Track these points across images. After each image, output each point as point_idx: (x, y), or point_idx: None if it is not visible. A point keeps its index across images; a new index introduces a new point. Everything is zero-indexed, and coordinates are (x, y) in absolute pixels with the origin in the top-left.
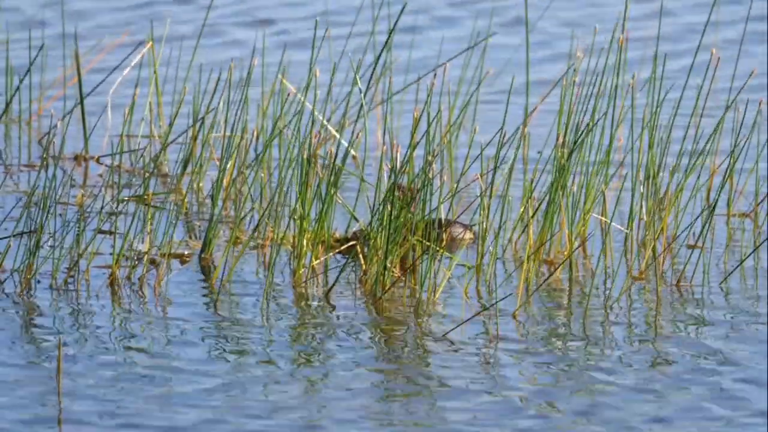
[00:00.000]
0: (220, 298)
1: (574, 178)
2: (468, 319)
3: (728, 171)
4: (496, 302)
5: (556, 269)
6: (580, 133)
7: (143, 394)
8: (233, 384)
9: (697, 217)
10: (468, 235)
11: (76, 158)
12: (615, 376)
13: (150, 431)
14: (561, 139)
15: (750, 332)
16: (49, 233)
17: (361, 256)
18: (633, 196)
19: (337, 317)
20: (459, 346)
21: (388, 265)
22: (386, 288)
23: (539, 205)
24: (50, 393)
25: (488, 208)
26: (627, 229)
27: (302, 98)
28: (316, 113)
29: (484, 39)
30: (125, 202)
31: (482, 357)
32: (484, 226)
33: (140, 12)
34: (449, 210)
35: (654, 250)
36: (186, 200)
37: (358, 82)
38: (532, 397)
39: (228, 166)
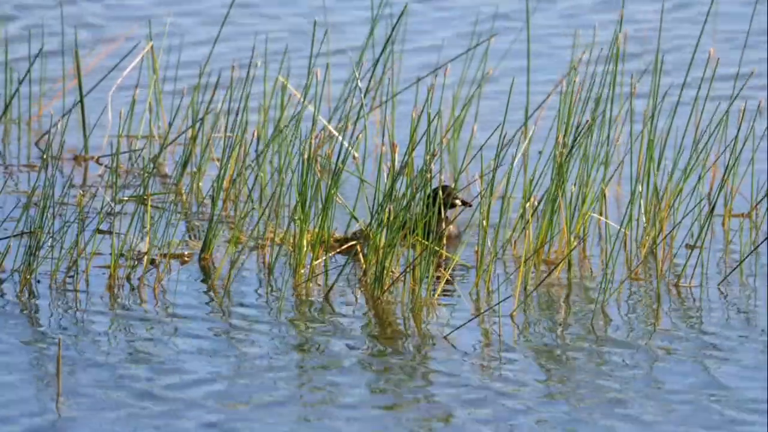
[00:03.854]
0: (219, 298)
1: (573, 178)
2: (467, 322)
3: (726, 171)
4: (497, 304)
5: (554, 269)
6: (579, 132)
7: (143, 394)
8: (233, 384)
9: (696, 217)
10: (454, 230)
11: (75, 158)
12: (614, 378)
13: (150, 430)
14: (560, 139)
15: (749, 332)
16: (49, 233)
17: (361, 255)
18: (633, 196)
19: (337, 317)
20: (457, 346)
21: (387, 265)
22: (385, 289)
23: (538, 204)
24: (50, 392)
25: (488, 208)
26: (626, 229)
27: (302, 99)
28: (317, 114)
29: (485, 40)
30: (125, 203)
31: (481, 357)
32: (484, 226)
33: (141, 12)
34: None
35: (654, 250)
36: (186, 200)
37: (358, 82)
38: (531, 396)
39: (228, 166)
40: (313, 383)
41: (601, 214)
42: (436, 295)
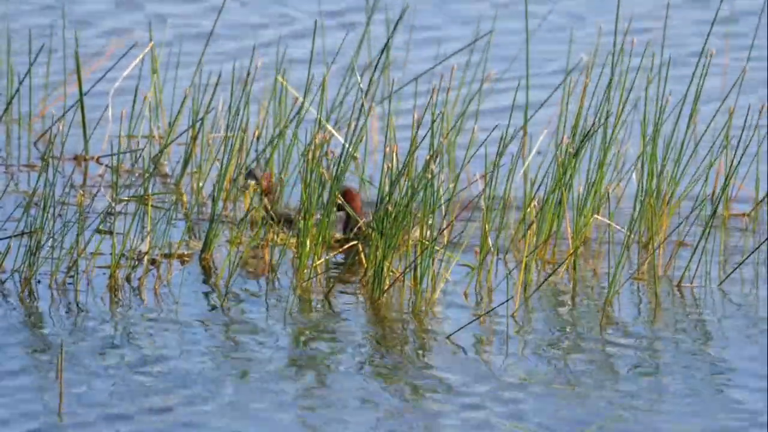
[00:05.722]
0: (220, 299)
1: (576, 178)
2: (468, 323)
3: (728, 171)
4: (500, 305)
5: (555, 269)
6: (585, 134)
7: (144, 395)
8: (233, 384)
9: (696, 217)
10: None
11: (76, 159)
12: (617, 379)
13: (151, 431)
14: (564, 140)
15: (750, 333)
16: (50, 234)
17: (362, 255)
18: (636, 196)
19: (338, 318)
20: (458, 347)
21: (386, 266)
22: (385, 289)
23: (542, 206)
24: (51, 393)
25: (489, 208)
26: (627, 229)
27: (303, 101)
28: (316, 113)
29: (486, 34)
30: (125, 203)
31: (482, 358)
32: (485, 228)
33: (142, 13)
34: (447, 208)
35: (653, 250)
36: (186, 200)
37: (359, 81)
38: (533, 398)
39: (228, 166)
40: (314, 383)
41: (602, 215)
42: (436, 296)
